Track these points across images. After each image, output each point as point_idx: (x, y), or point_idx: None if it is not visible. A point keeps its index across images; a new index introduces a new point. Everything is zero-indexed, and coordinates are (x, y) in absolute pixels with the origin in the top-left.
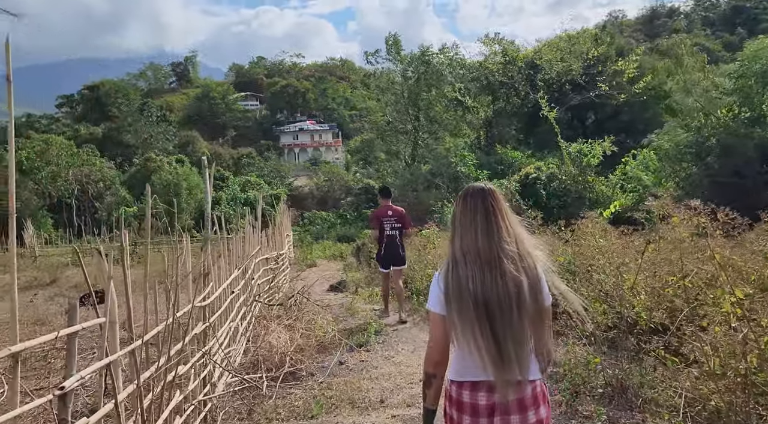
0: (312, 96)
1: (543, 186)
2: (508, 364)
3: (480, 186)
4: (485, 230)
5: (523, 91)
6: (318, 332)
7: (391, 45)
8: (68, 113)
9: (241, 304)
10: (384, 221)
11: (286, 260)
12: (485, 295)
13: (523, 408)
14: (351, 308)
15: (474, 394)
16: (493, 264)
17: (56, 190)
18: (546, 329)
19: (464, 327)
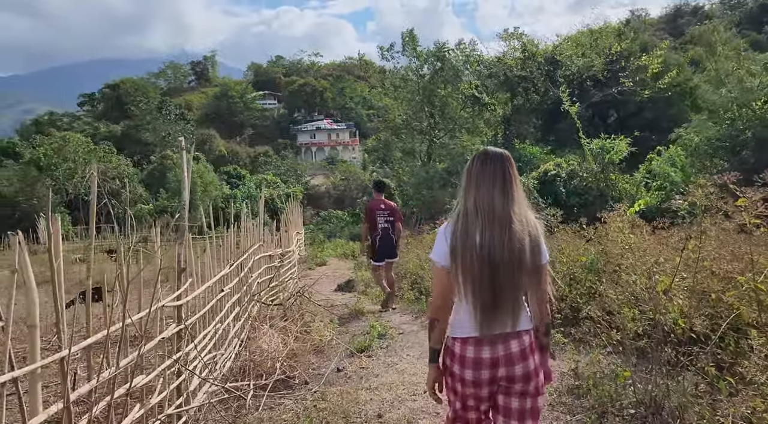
0: (330, 95)
1: (563, 184)
2: (507, 316)
3: (500, 151)
4: (502, 190)
5: (542, 88)
6: (315, 336)
7: (407, 40)
8: (89, 111)
9: (235, 303)
10: (378, 214)
11: (294, 258)
12: (491, 249)
13: (524, 357)
14: (356, 309)
15: (478, 349)
16: (504, 223)
17: (73, 186)
18: (543, 283)
19: (466, 278)
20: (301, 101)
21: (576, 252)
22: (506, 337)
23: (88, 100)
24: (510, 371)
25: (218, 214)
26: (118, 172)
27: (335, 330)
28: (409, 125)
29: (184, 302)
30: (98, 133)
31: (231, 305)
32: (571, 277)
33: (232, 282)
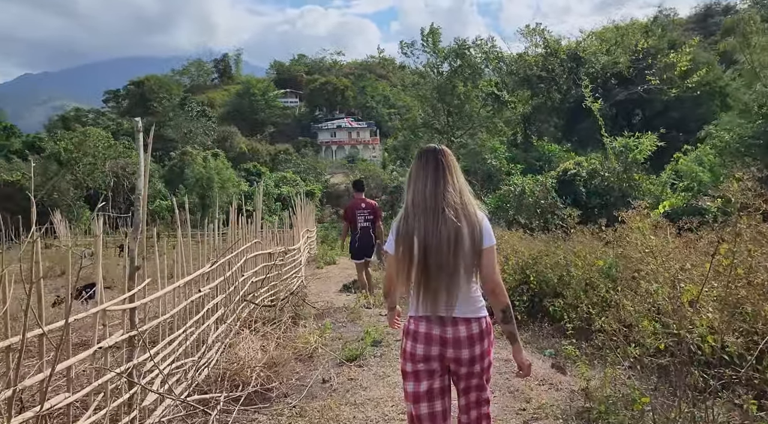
0: (351, 93)
1: (583, 183)
2: (445, 299)
3: (433, 146)
4: (433, 182)
5: (564, 85)
6: (299, 343)
7: (428, 36)
8: (114, 108)
9: (219, 305)
10: (357, 213)
11: (301, 257)
12: (426, 238)
13: (471, 342)
14: (354, 311)
15: (429, 326)
16: (436, 212)
17: (93, 181)
18: (489, 266)
19: (406, 264)
20: (323, 99)
21: (593, 255)
22: (454, 321)
23: (113, 97)
24: (457, 353)
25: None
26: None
27: (328, 335)
28: (427, 124)
29: (137, 304)
30: (121, 129)
31: (213, 306)
32: (587, 282)
33: (214, 282)
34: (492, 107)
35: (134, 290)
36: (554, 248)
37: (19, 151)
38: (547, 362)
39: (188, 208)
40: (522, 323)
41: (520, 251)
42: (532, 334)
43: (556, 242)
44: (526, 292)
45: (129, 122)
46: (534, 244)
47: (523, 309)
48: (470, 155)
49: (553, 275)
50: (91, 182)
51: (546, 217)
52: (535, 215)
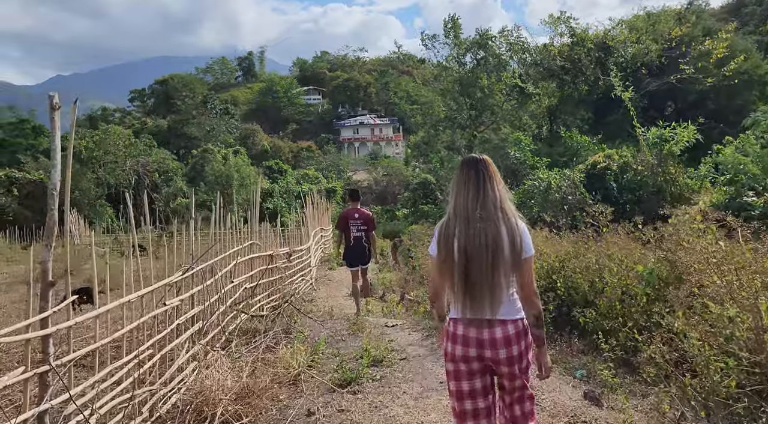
0: (373, 90)
1: (614, 178)
2: (485, 303)
3: (475, 156)
4: (474, 192)
5: (591, 76)
6: (279, 367)
7: (449, 28)
8: (139, 107)
9: (195, 318)
10: (351, 222)
11: (311, 258)
12: (467, 246)
13: (508, 343)
14: (357, 322)
15: (467, 328)
16: (477, 222)
17: (114, 179)
18: (527, 274)
19: (450, 271)
20: (345, 96)
21: (630, 259)
22: (491, 323)
23: (138, 96)
24: (494, 353)
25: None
26: (158, 166)
27: (322, 352)
28: (449, 118)
29: (50, 331)
30: (145, 128)
31: (184, 321)
32: (623, 290)
33: (189, 291)
34: (516, 100)
35: (47, 312)
36: (584, 250)
37: (46, 150)
38: (579, 390)
39: (209, 207)
40: (548, 337)
41: (546, 252)
42: (560, 350)
43: (586, 243)
44: (552, 300)
45: (153, 121)
46: (561, 245)
47: (548, 320)
48: (493, 150)
49: (584, 281)
50: (112, 180)
51: (574, 214)
52: (562, 212)
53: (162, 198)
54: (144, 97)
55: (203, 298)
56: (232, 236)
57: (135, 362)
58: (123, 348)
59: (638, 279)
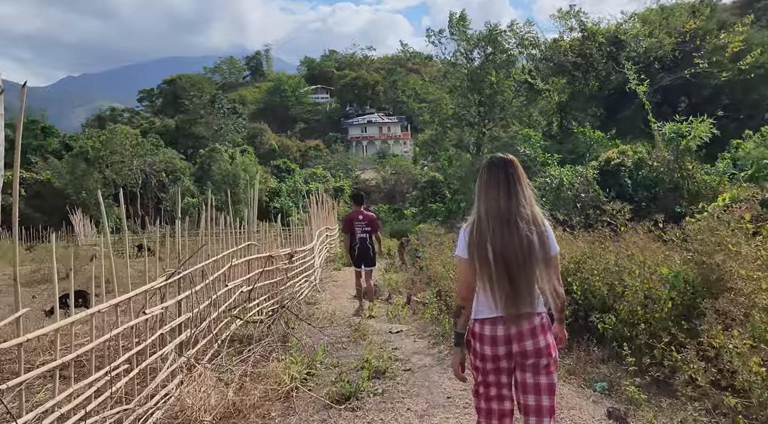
0: (381, 88)
1: (628, 174)
2: (520, 300)
3: (503, 157)
4: (506, 195)
5: (603, 72)
6: (268, 383)
7: (456, 22)
8: (148, 107)
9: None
10: (355, 224)
11: (315, 258)
12: (503, 248)
13: (534, 335)
14: (359, 328)
15: (494, 327)
16: (511, 224)
17: (122, 179)
18: (553, 272)
19: (483, 272)
20: (353, 95)
21: (652, 260)
22: (519, 318)
23: (147, 96)
24: (521, 346)
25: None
26: (165, 165)
27: (321, 362)
28: (457, 115)
29: None
30: (153, 128)
31: (170, 331)
32: (646, 294)
33: (176, 298)
34: (525, 97)
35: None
36: (601, 251)
37: (56, 150)
38: (601, 406)
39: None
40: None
41: (560, 253)
42: (577, 359)
43: (603, 243)
44: (567, 305)
45: (161, 120)
46: (576, 245)
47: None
48: (502, 147)
49: (602, 284)
50: (119, 180)
51: (587, 212)
52: (575, 210)
53: (169, 198)
54: (152, 97)
55: (193, 304)
56: (227, 237)
57: (107, 379)
58: (92, 363)
59: (662, 283)
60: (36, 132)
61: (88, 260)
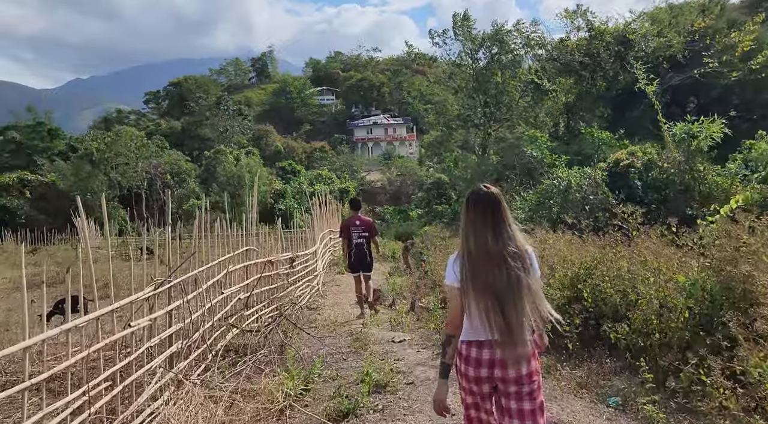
0: (387, 89)
1: (638, 176)
2: (512, 334)
3: (488, 192)
4: (494, 234)
5: (611, 71)
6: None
7: (460, 23)
8: (154, 109)
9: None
10: (352, 230)
11: (317, 262)
12: (495, 284)
13: (518, 363)
14: (360, 338)
15: (480, 350)
16: (500, 261)
17: (127, 181)
18: (541, 299)
19: (479, 305)
20: (359, 96)
21: (667, 266)
22: (505, 344)
23: (153, 98)
24: (504, 372)
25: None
26: (171, 167)
27: (319, 375)
28: (463, 116)
29: None
30: (159, 130)
31: (158, 343)
32: (661, 303)
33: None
34: (531, 97)
35: None
36: (613, 256)
37: (62, 152)
38: None
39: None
40: (574, 355)
41: (569, 259)
42: (588, 371)
43: (614, 248)
44: (578, 313)
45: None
46: (586, 249)
47: (574, 336)
48: (508, 149)
49: (614, 291)
50: (124, 182)
51: (596, 215)
52: (583, 212)
53: (174, 200)
54: (158, 99)
55: (184, 314)
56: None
57: (85, 399)
58: (69, 381)
59: (678, 291)
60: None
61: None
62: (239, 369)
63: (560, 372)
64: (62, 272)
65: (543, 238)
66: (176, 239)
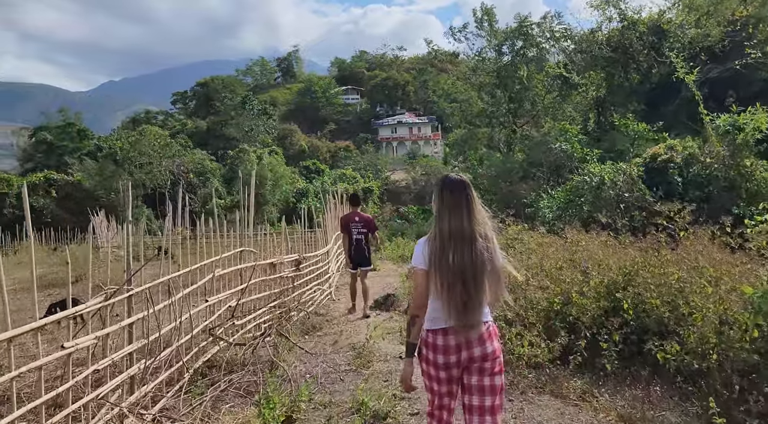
0: (412, 88)
1: (678, 172)
2: (471, 311)
3: (459, 179)
4: (468, 216)
5: (644, 64)
6: None
7: (482, 17)
8: (181, 109)
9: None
10: (351, 226)
11: (329, 265)
12: (462, 264)
13: (482, 342)
14: (364, 353)
15: (446, 337)
16: (470, 242)
17: (151, 180)
18: (501, 283)
19: (443, 286)
20: (383, 95)
21: (729, 275)
22: (469, 327)
23: (180, 99)
24: (470, 352)
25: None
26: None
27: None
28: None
29: None
30: (186, 129)
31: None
32: (721, 318)
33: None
34: (558, 93)
35: None
36: (657, 260)
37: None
38: None
39: None
40: (612, 377)
41: (606, 263)
42: (632, 399)
43: (658, 251)
44: (617, 328)
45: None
46: (625, 252)
47: (612, 354)
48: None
49: (660, 302)
50: (149, 181)
51: (632, 214)
52: (618, 211)
53: (198, 199)
54: (185, 100)
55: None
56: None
57: None
58: None
59: (743, 304)
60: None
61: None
62: (209, 396)
63: (597, 400)
64: (77, 271)
65: (575, 239)
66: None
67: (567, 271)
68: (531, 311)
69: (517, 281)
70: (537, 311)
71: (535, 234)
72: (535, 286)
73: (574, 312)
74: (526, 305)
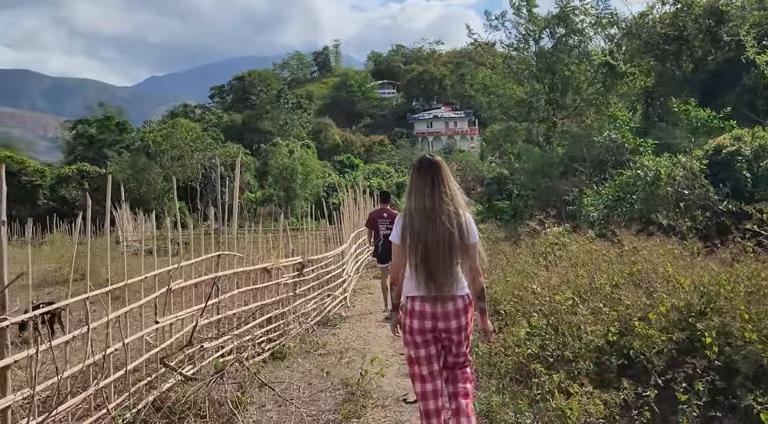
0: (449, 82)
1: (746, 166)
2: (440, 284)
3: (430, 159)
4: (431, 195)
5: (699, 50)
6: None
7: (519, 3)
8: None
9: None
10: (379, 221)
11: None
12: (427, 239)
13: (457, 315)
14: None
15: (422, 304)
16: (434, 218)
17: (183, 173)
18: (474, 258)
19: (412, 258)
20: (420, 90)
21: None
22: (444, 299)
23: (218, 93)
24: (446, 324)
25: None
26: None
27: None
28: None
29: None
30: (221, 123)
31: None
32: None
33: None
34: (603, 83)
35: None
36: (747, 279)
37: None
38: None
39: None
40: None
41: (676, 280)
42: None
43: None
44: (695, 369)
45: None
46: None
47: (694, 409)
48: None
49: (757, 336)
50: (180, 174)
51: (692, 213)
52: (676, 211)
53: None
54: (223, 94)
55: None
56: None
57: None
58: None
59: None
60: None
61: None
62: None
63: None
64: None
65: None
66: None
67: (625, 290)
68: (576, 343)
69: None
70: (585, 342)
71: (581, 238)
72: (586, 313)
73: (637, 345)
74: (570, 334)
